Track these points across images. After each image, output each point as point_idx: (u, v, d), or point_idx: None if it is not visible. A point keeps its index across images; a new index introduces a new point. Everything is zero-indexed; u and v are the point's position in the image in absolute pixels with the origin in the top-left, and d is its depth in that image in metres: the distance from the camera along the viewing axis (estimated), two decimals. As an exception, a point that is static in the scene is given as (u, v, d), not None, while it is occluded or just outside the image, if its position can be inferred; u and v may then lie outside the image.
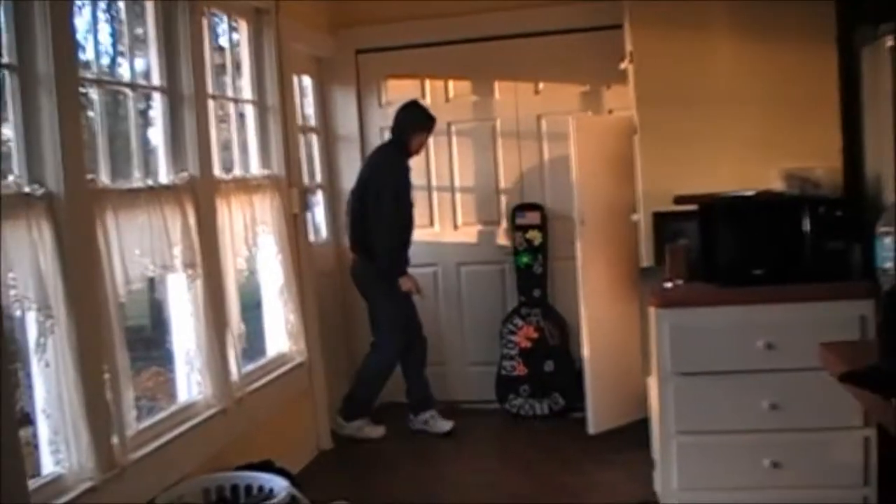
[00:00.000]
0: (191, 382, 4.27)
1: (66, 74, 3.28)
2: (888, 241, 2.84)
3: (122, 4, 4.13)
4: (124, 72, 4.18)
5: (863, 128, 4.41)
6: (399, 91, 6.44)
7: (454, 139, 6.47)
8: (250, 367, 4.87)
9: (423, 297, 5.96)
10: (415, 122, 5.82)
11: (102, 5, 4.06)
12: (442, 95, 6.46)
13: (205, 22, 4.63)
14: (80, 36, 3.64)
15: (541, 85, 6.36)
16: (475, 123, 6.44)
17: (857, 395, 1.79)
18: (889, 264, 2.82)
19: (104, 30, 4.13)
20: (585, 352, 5.46)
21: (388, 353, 5.83)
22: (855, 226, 3.94)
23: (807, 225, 3.88)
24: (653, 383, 4.15)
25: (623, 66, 5.09)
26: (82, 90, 3.56)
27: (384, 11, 6.33)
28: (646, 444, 4.56)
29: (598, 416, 5.49)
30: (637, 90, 4.66)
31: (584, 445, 5.39)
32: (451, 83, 6.46)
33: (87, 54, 3.87)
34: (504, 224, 6.41)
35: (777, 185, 4.29)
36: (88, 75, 3.74)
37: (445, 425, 5.82)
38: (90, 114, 3.76)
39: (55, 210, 3.18)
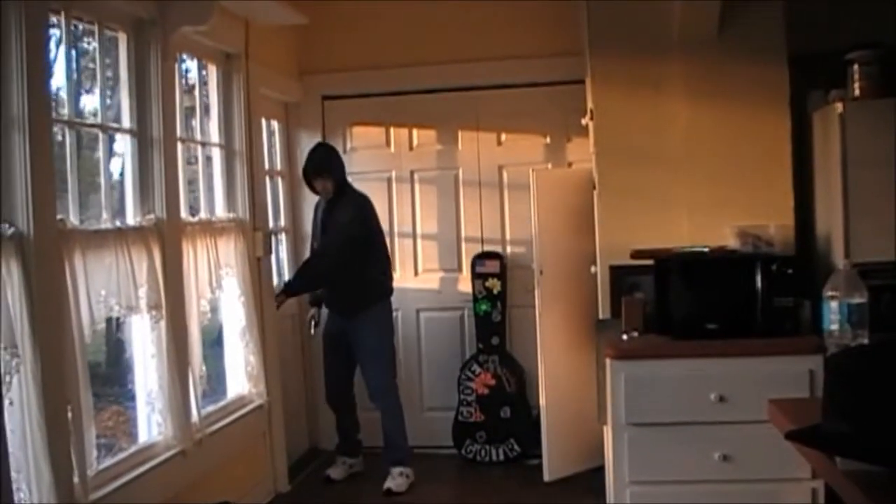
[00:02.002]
0: (151, 423, 4.29)
1: (38, 115, 3.34)
2: (834, 304, 2.96)
3: (94, 47, 4.19)
4: (88, 110, 4.24)
5: (814, 188, 4.58)
6: (364, 138, 6.56)
7: (417, 187, 6.58)
8: (210, 408, 4.90)
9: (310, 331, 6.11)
10: None
11: (76, 48, 4.13)
12: (406, 144, 6.57)
13: (175, 66, 4.71)
14: (52, 77, 3.70)
15: (503, 136, 6.50)
16: (438, 172, 6.56)
17: (803, 453, 1.89)
18: (835, 327, 2.94)
19: (76, 72, 4.18)
20: (542, 399, 5.54)
21: (393, 399, 5.80)
22: (805, 283, 4.09)
23: (759, 281, 4.01)
24: (608, 432, 4.23)
25: (584, 121, 5.24)
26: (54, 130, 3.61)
27: (351, 59, 6.45)
28: (601, 492, 4.63)
29: (553, 463, 5.56)
30: (597, 146, 4.80)
31: (539, 492, 5.46)
32: (415, 132, 6.59)
33: (59, 95, 3.93)
34: (465, 271, 6.51)
35: (731, 242, 4.43)
36: (59, 116, 3.79)
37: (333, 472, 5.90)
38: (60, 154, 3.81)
39: (24, 250, 3.22)
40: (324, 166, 5.67)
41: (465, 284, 6.46)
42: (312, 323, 6.04)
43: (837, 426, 1.60)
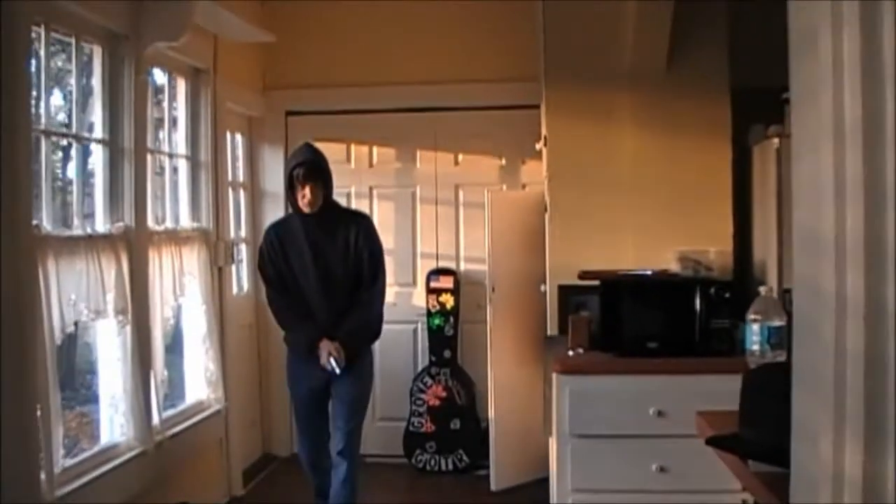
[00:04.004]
0: (114, 424, 4.43)
1: (17, 124, 3.48)
2: (756, 326, 3.21)
3: (71, 60, 4.34)
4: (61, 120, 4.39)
5: (752, 217, 4.84)
6: (325, 154, 6.70)
7: (375, 203, 6.76)
8: (171, 412, 5.04)
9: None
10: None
11: (54, 60, 4.28)
12: (366, 161, 6.77)
13: (147, 79, 4.87)
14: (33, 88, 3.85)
15: (461, 156, 6.71)
16: (397, 189, 6.76)
17: (722, 458, 2.11)
18: (756, 347, 3.18)
19: (53, 83, 4.33)
20: (491, 412, 5.75)
21: (358, 455, 4.94)
22: (742, 306, 4.33)
23: (698, 304, 4.25)
24: (553, 443, 4.45)
25: (538, 146, 5.47)
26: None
27: (315, 77, 6.64)
28: (545, 502, 4.84)
29: (500, 473, 5.76)
30: (549, 171, 5.03)
31: (486, 501, 5.66)
32: (375, 149, 6.78)
33: (36, 106, 4.08)
34: (419, 286, 6.70)
35: (673, 265, 4.68)
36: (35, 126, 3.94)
37: None
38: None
39: (1, 254, 3.36)
40: (322, 168, 4.69)
41: (420, 299, 6.66)
42: (333, 361, 4.63)
43: (746, 432, 1.82)
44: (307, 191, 4.60)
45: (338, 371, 4.63)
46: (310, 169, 4.62)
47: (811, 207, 1.06)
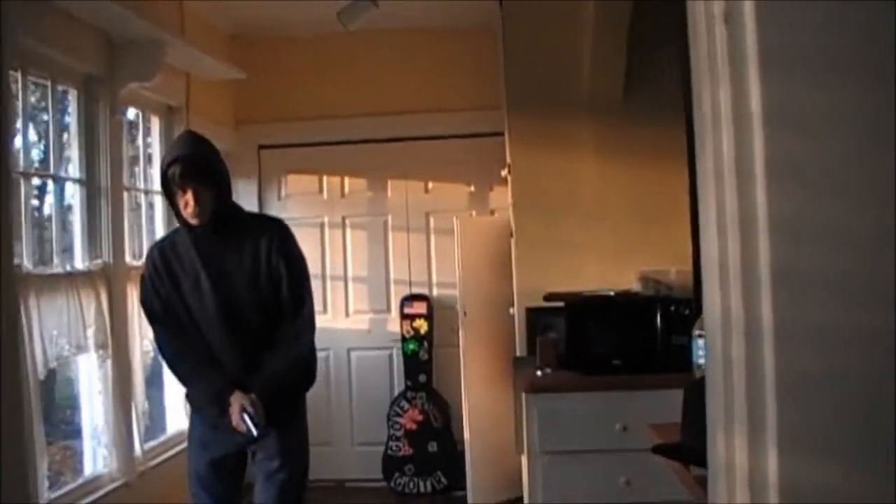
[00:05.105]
0: (97, 456, 4.55)
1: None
2: (701, 342, 3.38)
3: (48, 101, 4.49)
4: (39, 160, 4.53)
5: (711, 237, 5.01)
6: (298, 185, 6.90)
7: (348, 231, 6.91)
8: (152, 443, 5.16)
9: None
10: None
11: (31, 101, 4.43)
12: (338, 191, 6.93)
13: (122, 118, 5.02)
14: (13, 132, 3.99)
15: (430, 184, 6.88)
16: (368, 218, 6.91)
17: (668, 465, 2.27)
18: (702, 361, 3.35)
19: (29, 124, 4.47)
20: (466, 433, 5.89)
21: None
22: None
23: (659, 322, 4.42)
24: (524, 461, 4.59)
25: (504, 173, 5.64)
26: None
27: (286, 110, 6.81)
28: (519, 519, 4.98)
29: (477, 493, 5.89)
30: (514, 197, 5.20)
31: (463, 521, 5.79)
32: (347, 180, 6.94)
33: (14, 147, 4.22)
34: (393, 312, 6.85)
35: (635, 285, 4.85)
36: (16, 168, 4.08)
37: None
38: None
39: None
40: (208, 164, 3.49)
41: (394, 325, 6.80)
42: (248, 420, 3.45)
43: (686, 440, 1.98)
44: (189, 196, 3.40)
45: (255, 433, 3.44)
46: (188, 166, 3.40)
47: (706, 237, 1.22)
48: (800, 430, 1.02)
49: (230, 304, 3.52)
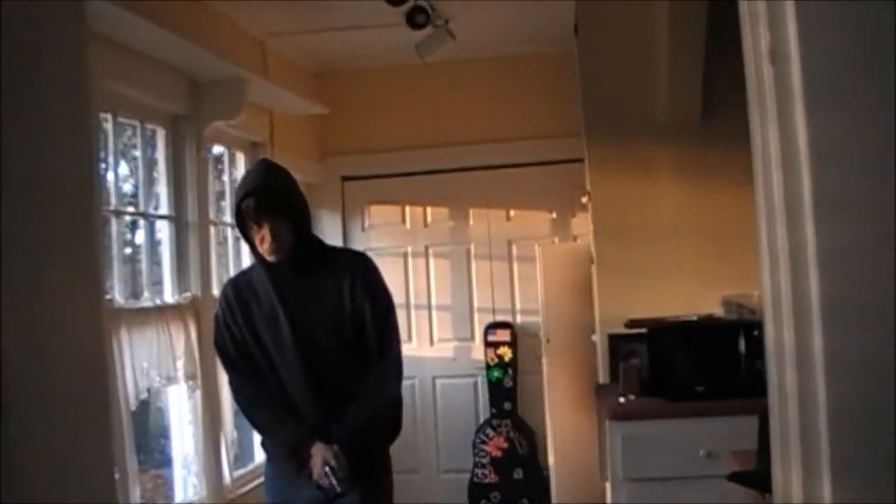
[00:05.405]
0: (187, 484, 4.67)
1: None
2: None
3: (138, 141, 4.66)
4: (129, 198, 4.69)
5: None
6: (381, 216, 7.00)
7: (431, 261, 6.98)
8: (241, 471, 5.27)
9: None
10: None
11: (122, 140, 4.60)
12: (421, 220, 7.00)
13: (208, 155, 5.17)
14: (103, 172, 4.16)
15: (512, 212, 6.92)
16: (451, 247, 6.97)
17: (746, 493, 2.26)
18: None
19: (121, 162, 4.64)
20: (551, 460, 5.88)
21: None
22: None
23: (742, 346, 4.37)
24: (608, 488, 4.57)
25: (584, 200, 5.65)
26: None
27: (369, 142, 6.92)
28: (605, 546, 4.94)
29: (563, 521, 5.89)
30: (594, 224, 5.19)
31: (549, 549, 5.77)
32: (429, 209, 7.02)
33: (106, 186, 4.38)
34: (477, 340, 6.88)
35: (718, 310, 4.80)
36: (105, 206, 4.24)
37: None
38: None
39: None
40: (285, 194, 3.27)
41: (478, 352, 6.83)
42: (331, 474, 3.18)
43: (761, 467, 1.97)
44: (265, 231, 3.15)
45: (338, 489, 3.19)
46: (263, 199, 3.16)
47: (762, 270, 1.23)
48: (852, 457, 1.03)
49: (310, 345, 3.26)
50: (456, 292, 6.95)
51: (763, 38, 1.11)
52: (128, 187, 4.81)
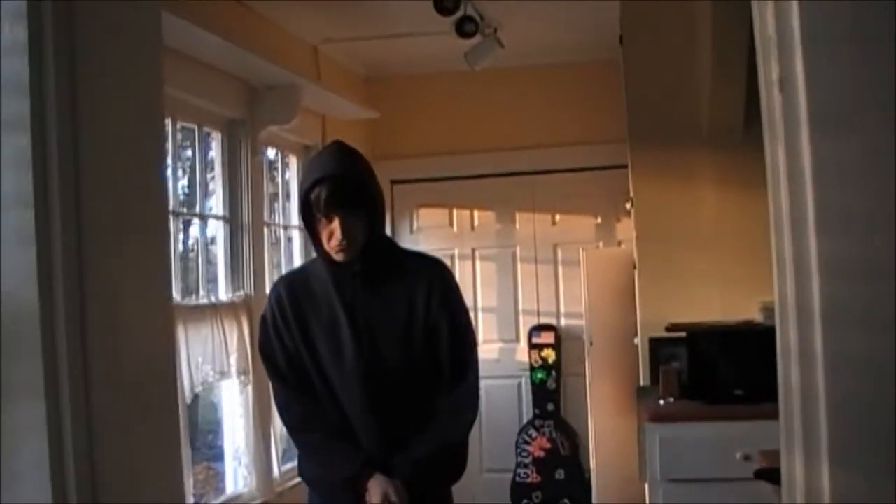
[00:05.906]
0: (238, 476, 4.84)
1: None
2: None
3: (194, 144, 4.84)
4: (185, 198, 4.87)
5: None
6: (429, 219, 7.14)
7: (478, 263, 7.11)
8: (289, 465, 5.41)
9: None
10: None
11: (178, 142, 4.78)
12: (468, 223, 7.14)
13: (262, 158, 5.34)
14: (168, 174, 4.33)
15: (558, 216, 7.02)
16: (497, 250, 7.09)
17: (775, 492, 2.35)
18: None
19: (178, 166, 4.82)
20: (592, 461, 5.97)
21: None
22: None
23: (781, 352, 4.43)
24: (647, 489, 4.67)
25: (627, 206, 5.74)
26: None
27: (418, 146, 7.06)
28: (644, 546, 5.03)
29: (604, 521, 5.98)
30: (637, 230, 5.28)
31: (589, 548, 5.86)
32: (476, 213, 7.15)
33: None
34: (522, 342, 6.99)
35: (756, 316, 4.86)
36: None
37: None
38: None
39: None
40: (363, 184, 2.76)
41: (523, 354, 6.94)
42: None
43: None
44: (335, 226, 2.68)
45: None
46: (337, 188, 2.68)
47: (774, 278, 1.35)
48: (849, 448, 1.14)
49: (375, 362, 2.77)
50: (501, 294, 7.06)
51: (774, 69, 1.22)
52: (181, 189, 4.99)
